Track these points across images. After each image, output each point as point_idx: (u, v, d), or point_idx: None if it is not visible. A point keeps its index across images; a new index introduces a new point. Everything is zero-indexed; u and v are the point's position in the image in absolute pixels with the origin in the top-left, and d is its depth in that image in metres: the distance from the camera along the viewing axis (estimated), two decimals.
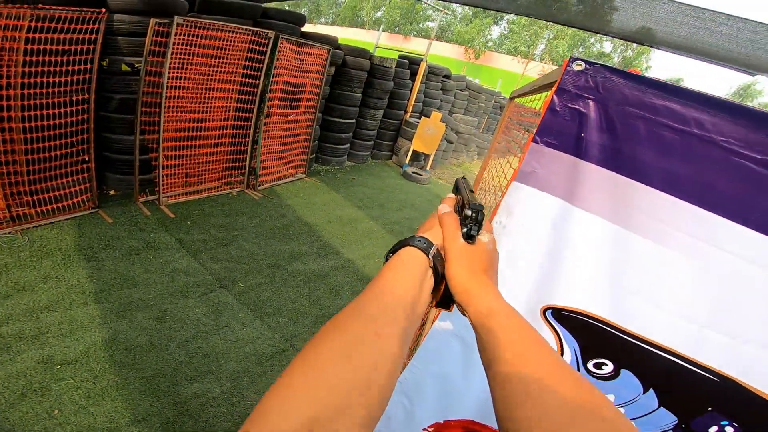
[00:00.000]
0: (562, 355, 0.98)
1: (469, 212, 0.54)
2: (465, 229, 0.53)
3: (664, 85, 0.82)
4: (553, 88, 0.92)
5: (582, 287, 0.89)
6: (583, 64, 0.88)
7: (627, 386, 0.92)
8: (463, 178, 0.70)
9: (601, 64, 0.87)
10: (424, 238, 0.53)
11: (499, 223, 0.94)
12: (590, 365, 0.97)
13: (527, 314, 0.98)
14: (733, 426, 0.84)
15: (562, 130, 0.88)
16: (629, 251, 0.84)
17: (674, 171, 0.79)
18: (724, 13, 2.67)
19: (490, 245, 0.55)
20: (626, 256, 0.84)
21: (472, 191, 0.61)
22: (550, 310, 0.96)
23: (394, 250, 0.52)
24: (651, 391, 0.91)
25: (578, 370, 0.98)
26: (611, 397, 0.96)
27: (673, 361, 0.85)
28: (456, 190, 0.67)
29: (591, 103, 0.87)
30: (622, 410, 0.97)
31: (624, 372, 0.92)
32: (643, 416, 0.93)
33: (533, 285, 0.94)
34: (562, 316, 0.95)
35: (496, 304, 0.48)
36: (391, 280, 0.47)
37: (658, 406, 0.91)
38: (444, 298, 0.55)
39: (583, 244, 0.87)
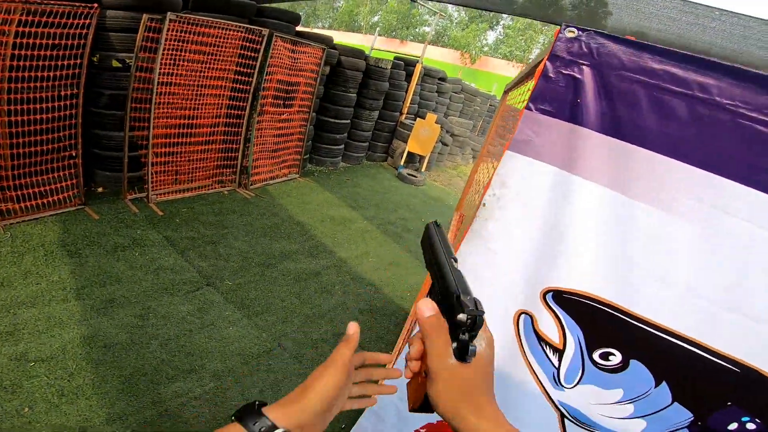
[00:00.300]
0: (564, 344, 0.91)
1: (463, 317, 0.40)
2: (455, 344, 0.41)
3: (663, 50, 0.77)
4: (546, 55, 0.87)
5: (583, 263, 0.83)
6: (576, 30, 0.83)
7: (637, 379, 0.85)
8: (437, 224, 0.52)
9: (594, 30, 0.82)
10: (266, 420, 0.41)
11: (493, 195, 0.88)
12: (596, 356, 0.89)
13: (527, 299, 0.91)
14: (755, 422, 0.77)
15: (557, 97, 0.83)
16: (632, 220, 0.78)
17: (677, 135, 0.74)
18: (717, 8, 2.65)
19: (490, 355, 0.44)
20: (629, 226, 0.78)
21: (455, 259, 0.46)
22: (551, 293, 0.89)
23: (234, 416, 0.42)
24: (664, 384, 0.83)
25: (583, 361, 0.90)
26: (619, 392, 0.89)
27: (687, 348, 0.78)
28: (429, 243, 0.50)
29: (586, 68, 0.82)
30: (631, 407, 0.89)
31: (633, 363, 0.85)
32: (654, 413, 0.86)
33: (531, 262, 0.88)
34: (564, 299, 0.88)
35: (488, 427, 0.41)
36: None
37: (672, 401, 0.83)
38: (424, 407, 0.46)
39: (583, 214, 0.81)
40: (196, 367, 2.23)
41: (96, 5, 3.04)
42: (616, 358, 0.88)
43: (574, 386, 0.93)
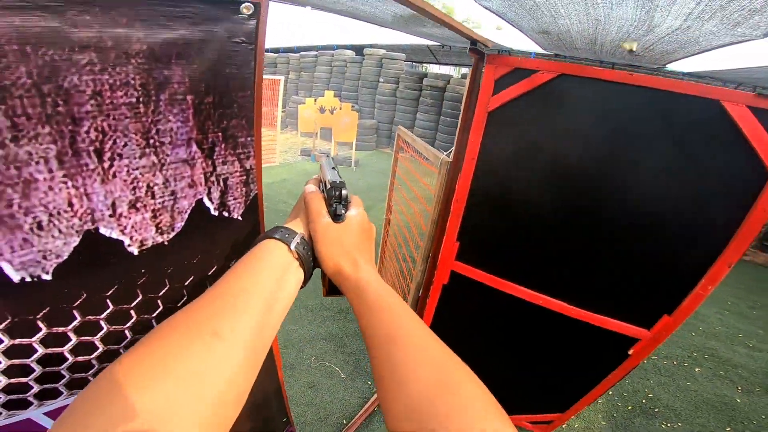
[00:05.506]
0: None
1: (332, 191, 0.52)
2: (332, 209, 0.52)
3: None
4: None
5: None
6: None
7: None
8: (326, 155, 0.67)
9: None
10: (286, 228, 0.49)
11: None
12: None
13: None
14: None
15: None
16: None
17: None
18: None
19: (358, 218, 0.53)
20: None
21: (334, 168, 0.58)
22: None
23: (258, 240, 0.49)
24: None
25: None
26: None
27: None
28: (321, 166, 0.63)
29: None
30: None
31: None
32: None
33: None
34: None
35: (366, 277, 0.47)
36: (241, 274, 0.42)
37: None
38: (331, 284, 0.52)
39: None
40: None
41: None
42: None
43: None
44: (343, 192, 0.52)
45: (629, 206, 1.20)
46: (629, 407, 2.44)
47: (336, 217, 0.51)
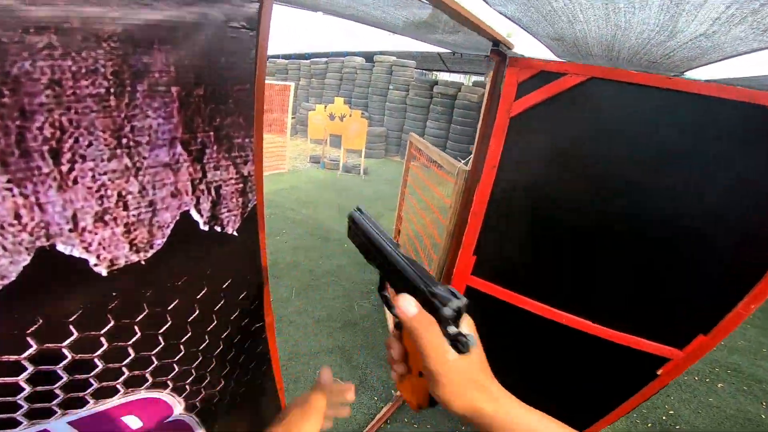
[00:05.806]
0: None
1: (449, 312, 0.39)
2: (449, 339, 0.39)
3: None
4: None
5: None
6: None
7: None
8: (360, 211, 0.50)
9: None
10: None
11: None
12: None
13: None
14: None
15: None
16: None
17: None
18: None
19: (476, 339, 0.41)
20: None
21: (397, 244, 0.45)
22: None
23: None
24: None
25: None
26: None
27: None
28: (364, 235, 0.47)
29: None
30: None
31: None
32: None
33: None
34: None
35: (512, 411, 0.40)
36: None
37: None
38: (431, 404, 0.44)
39: None
40: None
41: None
42: None
43: None
44: (462, 310, 0.39)
45: (668, 219, 1.11)
46: (649, 424, 2.34)
47: (464, 349, 0.39)
